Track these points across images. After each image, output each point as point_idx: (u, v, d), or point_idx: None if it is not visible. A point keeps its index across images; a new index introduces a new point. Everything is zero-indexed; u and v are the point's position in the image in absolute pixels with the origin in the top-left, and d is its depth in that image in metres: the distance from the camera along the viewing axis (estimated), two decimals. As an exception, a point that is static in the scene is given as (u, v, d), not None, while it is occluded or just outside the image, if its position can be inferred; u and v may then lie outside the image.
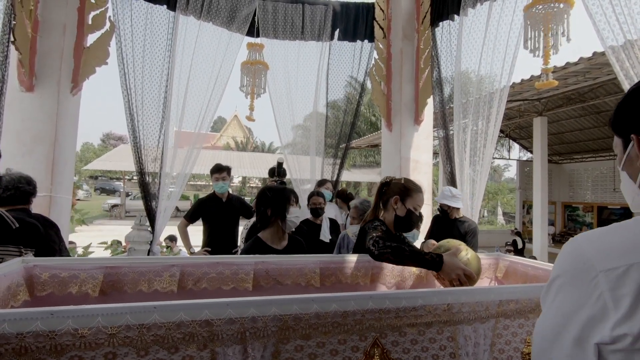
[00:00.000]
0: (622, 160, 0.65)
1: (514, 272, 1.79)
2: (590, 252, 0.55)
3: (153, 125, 3.38)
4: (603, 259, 0.53)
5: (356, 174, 19.51)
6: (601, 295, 0.51)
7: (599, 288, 0.52)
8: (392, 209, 1.76)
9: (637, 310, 0.48)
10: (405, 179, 1.83)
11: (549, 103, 8.47)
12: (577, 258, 0.56)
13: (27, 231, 1.53)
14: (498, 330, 1.15)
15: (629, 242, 0.53)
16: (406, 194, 1.74)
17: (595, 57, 4.80)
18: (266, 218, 1.82)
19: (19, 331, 0.72)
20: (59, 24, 3.10)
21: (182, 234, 3.40)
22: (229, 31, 3.71)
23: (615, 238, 0.55)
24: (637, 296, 0.49)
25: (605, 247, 0.55)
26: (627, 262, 0.51)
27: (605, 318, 0.51)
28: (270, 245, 1.81)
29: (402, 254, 1.44)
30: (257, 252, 1.73)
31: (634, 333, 0.48)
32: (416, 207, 1.74)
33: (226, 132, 35.74)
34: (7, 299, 1.12)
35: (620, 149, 0.65)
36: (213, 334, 0.85)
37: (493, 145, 3.07)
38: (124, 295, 1.33)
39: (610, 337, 0.49)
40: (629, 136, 0.62)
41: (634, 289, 0.49)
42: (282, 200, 1.81)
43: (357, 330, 0.99)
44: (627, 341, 0.48)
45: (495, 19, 2.94)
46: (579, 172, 11.60)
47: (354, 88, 4.34)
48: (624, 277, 0.50)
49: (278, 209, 1.80)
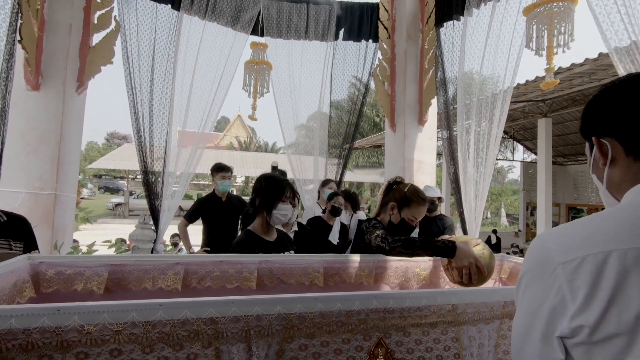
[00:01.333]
0: (590, 164, 0.67)
1: (518, 273, 1.78)
2: (551, 246, 0.56)
3: (157, 124, 3.40)
4: (561, 252, 0.54)
5: (359, 175, 19.51)
6: (560, 288, 0.52)
7: (558, 281, 0.52)
8: (388, 213, 1.76)
9: (592, 301, 0.49)
10: (412, 187, 1.79)
11: (554, 104, 8.42)
12: (540, 253, 0.57)
13: (16, 224, 1.53)
14: (502, 331, 1.14)
15: (585, 234, 0.54)
16: (404, 204, 1.74)
17: (601, 58, 4.77)
18: (255, 207, 1.76)
19: (25, 327, 0.73)
20: (65, 23, 3.12)
21: (182, 234, 3.43)
22: (234, 31, 3.72)
23: (573, 231, 0.56)
24: (591, 287, 0.49)
25: (564, 241, 0.55)
26: (582, 253, 0.51)
27: (564, 311, 0.51)
28: (261, 236, 1.74)
29: (414, 244, 1.45)
30: (249, 245, 1.68)
31: (589, 324, 0.48)
32: (412, 218, 1.73)
33: (229, 131, 35.81)
34: (14, 295, 1.12)
35: (589, 153, 0.68)
36: (218, 332, 0.85)
37: (497, 146, 3.06)
38: (128, 292, 1.34)
39: (569, 330, 0.50)
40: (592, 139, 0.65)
41: (589, 280, 0.49)
42: (273, 193, 1.72)
43: (361, 330, 0.99)
44: (585, 333, 0.49)
45: (499, 19, 2.93)
46: (583, 173, 11.53)
47: (357, 89, 4.33)
48: (579, 268, 0.51)
49: (266, 201, 1.72)
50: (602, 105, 0.64)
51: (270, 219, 1.72)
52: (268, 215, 1.71)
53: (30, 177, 2.94)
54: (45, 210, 2.98)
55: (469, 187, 3.20)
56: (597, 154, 0.64)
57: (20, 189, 2.91)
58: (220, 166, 3.44)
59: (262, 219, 1.75)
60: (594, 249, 0.51)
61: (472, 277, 1.45)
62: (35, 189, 2.95)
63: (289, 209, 1.74)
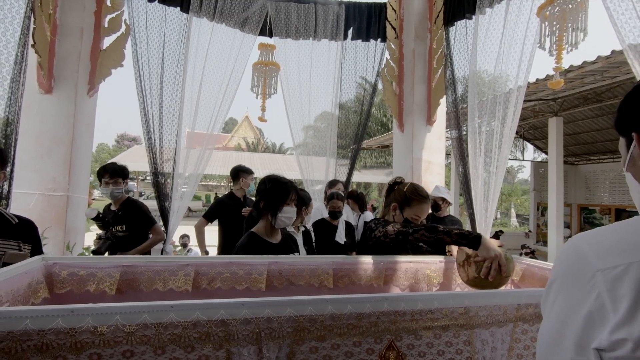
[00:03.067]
0: (625, 161, 0.61)
1: (530, 275, 1.75)
2: (587, 251, 0.52)
3: (167, 126, 3.43)
4: (601, 257, 0.50)
5: (366, 175, 19.44)
6: (599, 296, 0.48)
7: (597, 288, 0.48)
8: (391, 214, 1.76)
9: (637, 312, 0.44)
10: (411, 186, 1.78)
11: (565, 103, 8.28)
12: (574, 258, 0.53)
13: (26, 227, 1.57)
14: (516, 334, 1.12)
15: (629, 240, 0.50)
16: (405, 203, 1.72)
17: (614, 56, 4.67)
18: (258, 209, 1.74)
19: (40, 328, 0.74)
20: (76, 27, 3.17)
21: (200, 235, 3.43)
22: (242, 32, 3.74)
23: (614, 236, 0.52)
24: (637, 297, 0.45)
25: (603, 246, 0.51)
26: (626, 260, 0.47)
27: (604, 321, 0.47)
28: (265, 239, 1.72)
29: (436, 230, 1.43)
30: (253, 247, 1.66)
31: (634, 338, 0.44)
32: (415, 217, 1.70)
33: (237, 132, 36.02)
34: (28, 295, 1.14)
35: (624, 149, 0.62)
36: (229, 333, 0.85)
37: (509, 146, 3.02)
38: (139, 293, 1.35)
39: (608, 342, 0.46)
40: (631, 135, 0.59)
41: (634, 290, 0.45)
42: (277, 196, 1.69)
43: (372, 333, 0.98)
44: (628, 347, 0.44)
45: (512, 18, 2.89)
46: (596, 173, 11.31)
47: (364, 89, 4.32)
48: (622, 276, 0.47)
49: (271, 204, 1.69)
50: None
51: (275, 222, 1.70)
52: (273, 218, 1.69)
53: (43, 179, 2.99)
54: (57, 212, 3.02)
55: (479, 188, 3.16)
56: (638, 151, 0.58)
57: (34, 190, 2.96)
58: (245, 168, 3.58)
59: (266, 222, 1.73)
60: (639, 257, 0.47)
61: (492, 272, 1.40)
62: (48, 191, 3.00)
63: (293, 211, 1.72)
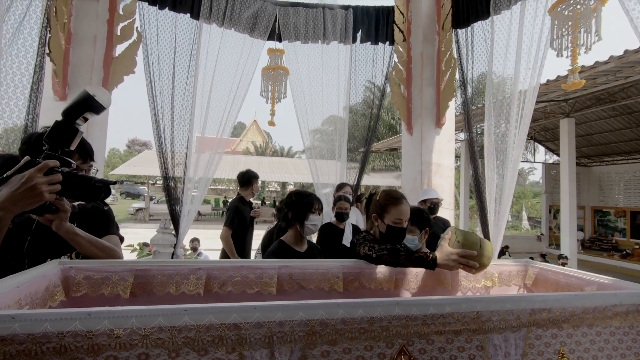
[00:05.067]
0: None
1: (544, 279, 1.72)
2: None
3: (178, 131, 3.48)
4: None
5: (375, 178, 19.38)
6: None
7: None
8: (375, 225, 1.78)
9: None
10: (383, 192, 1.81)
11: (577, 104, 8.15)
12: None
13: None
14: (530, 340, 1.10)
15: None
16: (382, 211, 1.74)
17: (627, 55, 4.59)
18: (287, 220, 1.95)
19: (59, 330, 0.75)
20: (90, 35, 3.25)
21: (228, 244, 3.35)
22: (251, 37, 3.78)
23: None
24: None
25: None
26: None
27: None
28: (293, 247, 1.92)
29: (398, 254, 1.49)
30: (282, 255, 1.83)
31: None
32: (396, 221, 1.70)
33: (246, 137, 36.28)
34: (46, 299, 1.17)
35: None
36: (241, 337, 0.86)
37: (521, 148, 2.98)
38: (152, 297, 1.37)
39: None
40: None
41: None
42: (304, 206, 1.92)
43: (383, 337, 0.97)
44: None
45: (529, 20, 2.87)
46: (609, 175, 11.08)
47: (372, 92, 4.32)
48: None
49: (298, 213, 1.91)
50: None
51: (303, 231, 1.91)
52: (301, 227, 1.90)
53: (58, 184, 3.06)
54: (72, 216, 3.08)
55: (492, 190, 3.13)
56: None
57: (49, 195, 3.02)
58: (255, 174, 3.70)
59: (294, 231, 1.94)
60: None
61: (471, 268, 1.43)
62: (62, 195, 3.06)
63: (317, 218, 1.94)
